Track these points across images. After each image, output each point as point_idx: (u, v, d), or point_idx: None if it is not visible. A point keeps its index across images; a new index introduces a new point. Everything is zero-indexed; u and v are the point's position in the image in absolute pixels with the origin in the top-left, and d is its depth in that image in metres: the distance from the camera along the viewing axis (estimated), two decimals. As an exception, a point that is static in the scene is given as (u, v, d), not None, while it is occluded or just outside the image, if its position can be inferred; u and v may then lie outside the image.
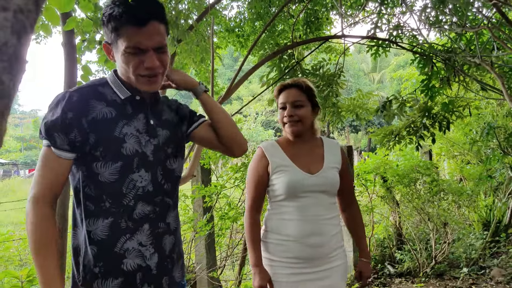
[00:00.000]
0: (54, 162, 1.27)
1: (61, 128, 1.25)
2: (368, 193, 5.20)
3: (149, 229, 1.34)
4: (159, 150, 1.39)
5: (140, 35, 1.25)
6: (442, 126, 3.93)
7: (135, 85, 1.34)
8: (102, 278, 1.29)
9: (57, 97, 1.29)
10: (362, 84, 34.42)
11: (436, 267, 4.82)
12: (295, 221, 1.89)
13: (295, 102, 1.97)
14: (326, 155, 2.02)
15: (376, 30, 3.92)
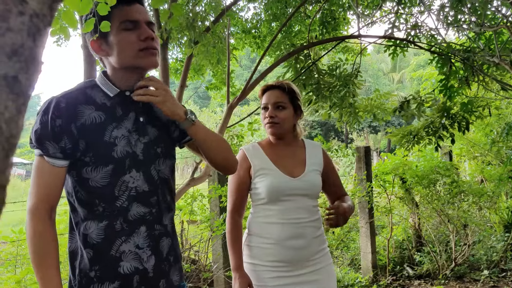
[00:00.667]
0: (48, 172, 1.26)
1: (51, 136, 1.23)
2: (386, 195, 5.16)
3: (146, 231, 1.32)
4: (149, 149, 1.36)
5: (130, 11, 1.31)
6: (461, 126, 3.88)
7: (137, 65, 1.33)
8: (98, 282, 1.27)
9: (45, 104, 1.27)
10: (382, 84, 34.11)
11: (456, 269, 4.76)
12: (277, 224, 1.89)
13: (276, 103, 1.96)
14: (308, 158, 2.02)
15: (393, 30, 3.89)
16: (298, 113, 2.04)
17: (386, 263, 4.94)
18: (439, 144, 4.07)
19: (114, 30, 1.30)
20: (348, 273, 4.86)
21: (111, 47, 1.32)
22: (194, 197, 3.16)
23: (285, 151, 2.01)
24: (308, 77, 3.86)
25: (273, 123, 1.95)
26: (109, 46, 1.32)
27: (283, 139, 2.03)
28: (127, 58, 1.32)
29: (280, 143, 2.03)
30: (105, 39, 1.32)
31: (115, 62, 1.33)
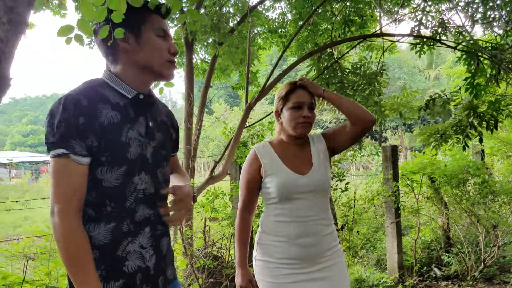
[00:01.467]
0: (74, 171, 1.23)
1: (76, 134, 1.22)
2: (414, 194, 5.09)
3: (150, 232, 1.37)
4: (157, 153, 1.41)
5: (163, 22, 1.41)
6: (489, 125, 3.80)
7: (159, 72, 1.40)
8: (104, 281, 1.29)
9: (59, 103, 1.24)
10: (417, 81, 33.32)
11: (485, 271, 4.65)
12: (288, 222, 1.92)
13: (310, 104, 2.00)
14: (314, 153, 2.04)
15: (420, 27, 3.85)
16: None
17: (413, 264, 4.88)
18: (466, 143, 3.99)
19: (150, 32, 1.36)
20: (374, 273, 4.83)
21: (140, 45, 1.35)
22: (215, 195, 3.24)
23: (294, 149, 2.04)
24: (331, 76, 3.86)
25: (308, 123, 1.98)
26: (138, 43, 1.35)
27: (300, 139, 2.05)
28: (154, 61, 1.37)
29: (291, 142, 2.05)
30: (135, 36, 1.35)
31: (140, 59, 1.36)
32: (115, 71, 1.38)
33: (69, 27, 1.25)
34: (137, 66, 1.37)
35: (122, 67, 1.37)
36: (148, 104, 1.42)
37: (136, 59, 1.36)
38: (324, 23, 5.41)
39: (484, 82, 3.67)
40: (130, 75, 1.37)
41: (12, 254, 4.74)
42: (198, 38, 3.97)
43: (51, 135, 1.22)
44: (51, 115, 1.23)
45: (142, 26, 1.36)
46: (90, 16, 1.37)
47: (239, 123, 2.68)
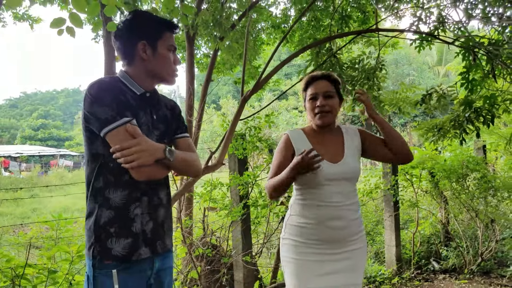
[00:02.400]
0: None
1: (126, 107, 1.52)
2: (413, 188, 5.14)
3: (147, 201, 1.60)
4: (159, 141, 1.62)
5: (173, 38, 1.70)
6: (486, 120, 3.84)
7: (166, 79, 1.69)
8: (116, 237, 1.52)
9: (103, 86, 1.53)
10: (426, 78, 33.09)
11: (483, 265, 4.70)
12: (317, 207, 2.01)
13: (326, 92, 2.06)
14: (347, 143, 2.10)
15: (419, 23, 3.89)
16: (341, 101, 2.15)
17: (411, 257, 4.94)
18: (464, 138, 4.04)
19: (164, 47, 1.64)
20: (372, 266, 4.91)
21: (156, 57, 1.62)
22: (213, 185, 3.33)
23: (326, 138, 2.12)
24: (329, 71, 3.91)
25: (324, 112, 2.05)
26: (154, 54, 1.62)
27: (327, 127, 2.12)
28: (163, 71, 1.66)
29: (323, 130, 2.13)
30: (153, 48, 1.62)
31: (152, 68, 1.63)
32: (129, 71, 1.64)
33: (61, 19, 1.34)
34: (149, 72, 1.64)
35: (135, 70, 1.64)
36: (153, 100, 1.68)
37: (150, 68, 1.63)
38: (326, 19, 5.46)
39: (481, 78, 3.71)
40: (141, 78, 1.64)
41: (18, 243, 4.89)
42: (200, 32, 4.05)
43: (110, 111, 1.48)
44: (98, 98, 1.49)
45: (158, 41, 1.63)
46: (81, 10, 1.47)
47: (234, 115, 2.77)
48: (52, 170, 26.20)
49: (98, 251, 1.52)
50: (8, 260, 2.61)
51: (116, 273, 1.51)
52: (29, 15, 6.48)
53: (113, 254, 1.52)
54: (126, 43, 1.62)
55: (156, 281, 1.65)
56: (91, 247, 1.53)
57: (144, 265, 1.59)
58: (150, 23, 1.63)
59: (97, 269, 1.52)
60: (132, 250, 1.54)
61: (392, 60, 31.09)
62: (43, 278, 2.70)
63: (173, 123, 1.77)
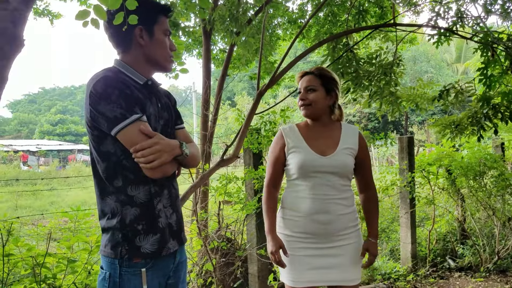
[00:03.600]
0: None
1: (134, 102, 1.46)
2: (430, 185, 5.11)
3: (168, 194, 1.59)
4: (164, 131, 1.61)
5: (167, 23, 1.64)
6: (504, 116, 3.79)
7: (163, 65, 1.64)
8: (144, 234, 1.50)
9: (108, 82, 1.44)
10: (444, 75, 32.65)
11: (499, 263, 4.65)
12: (305, 198, 2.04)
13: (308, 87, 2.13)
14: (342, 139, 2.13)
15: (437, 18, 3.85)
16: (333, 95, 2.16)
17: (427, 254, 4.92)
18: (481, 135, 3.99)
19: (160, 32, 1.59)
20: (387, 263, 4.89)
21: (152, 42, 1.57)
22: (229, 179, 3.36)
23: (320, 131, 2.15)
24: (346, 66, 3.91)
25: (304, 105, 2.12)
26: (151, 39, 1.57)
27: (319, 120, 2.17)
28: (161, 56, 1.61)
29: (316, 124, 2.17)
30: (149, 33, 1.56)
31: (149, 53, 1.58)
32: (126, 60, 1.57)
33: (86, 11, 1.38)
34: (147, 58, 1.58)
35: (132, 57, 1.57)
36: (155, 89, 1.64)
37: (147, 53, 1.58)
38: (343, 14, 5.44)
39: (499, 74, 3.66)
40: (139, 65, 1.58)
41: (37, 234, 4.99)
42: (216, 28, 4.08)
43: (119, 108, 1.41)
44: (104, 96, 1.41)
45: (154, 26, 1.58)
46: (105, 3, 1.50)
47: (250, 110, 2.79)
48: (70, 165, 26.61)
49: (126, 249, 1.48)
50: (29, 249, 2.68)
51: (145, 272, 1.49)
52: (49, 11, 6.59)
53: (142, 252, 1.49)
54: (120, 29, 1.48)
55: (174, 274, 1.65)
56: (118, 247, 1.48)
57: (169, 259, 1.59)
58: (145, 7, 1.53)
59: (124, 267, 1.48)
60: (161, 246, 1.53)
61: (410, 57, 30.75)
62: (62, 267, 2.76)
63: (173, 111, 1.74)
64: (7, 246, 2.62)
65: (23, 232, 6.60)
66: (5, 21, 0.54)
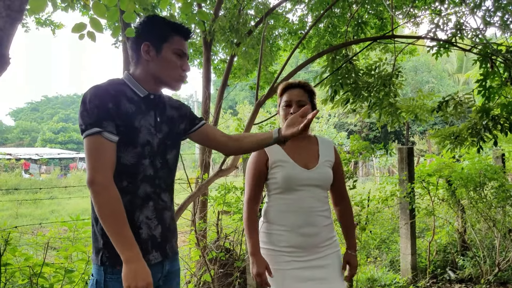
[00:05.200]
0: (108, 147, 1.48)
1: (108, 115, 1.47)
2: (429, 196, 5.09)
3: (153, 206, 1.60)
4: (162, 143, 1.65)
5: (184, 44, 1.67)
6: (504, 128, 3.80)
7: (169, 84, 1.67)
8: None
9: (91, 92, 1.50)
10: (446, 86, 32.69)
11: (500, 275, 4.62)
12: (291, 212, 2.05)
13: (300, 101, 2.12)
14: (321, 152, 2.17)
15: (436, 30, 3.88)
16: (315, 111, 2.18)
17: (427, 266, 4.89)
18: (481, 146, 4.00)
19: (170, 50, 1.62)
20: (387, 274, 4.87)
21: (159, 59, 1.61)
22: (227, 189, 3.36)
23: (300, 145, 2.17)
24: (346, 77, 3.93)
25: None
26: (158, 56, 1.61)
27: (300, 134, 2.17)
28: (168, 75, 1.63)
29: (296, 138, 2.16)
30: (157, 50, 1.60)
31: (154, 70, 1.62)
32: (135, 72, 1.64)
33: (82, 24, 1.39)
34: (151, 74, 1.63)
35: (140, 71, 1.63)
36: (157, 103, 1.67)
37: (151, 70, 1.62)
38: (343, 25, 5.48)
39: (498, 85, 3.67)
40: (145, 79, 1.63)
41: (36, 243, 4.98)
42: (217, 38, 4.11)
43: (88, 118, 1.47)
44: (85, 103, 1.48)
45: (163, 44, 1.61)
46: (101, 15, 1.52)
47: (249, 119, 2.80)
48: (71, 173, 26.62)
49: (107, 257, 1.51)
50: (26, 259, 2.68)
51: None
52: (51, 21, 6.64)
53: (122, 261, 1.48)
54: (132, 43, 1.63)
55: (164, 283, 1.66)
56: (99, 253, 1.53)
57: (155, 268, 1.58)
58: (159, 25, 1.61)
59: (108, 274, 1.51)
60: None
61: (411, 67, 30.82)
62: (59, 277, 2.75)
63: (180, 124, 1.77)
64: (5, 255, 2.62)
65: (23, 241, 6.60)
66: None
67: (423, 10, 4.89)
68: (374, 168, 20.75)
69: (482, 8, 3.50)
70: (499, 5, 3.63)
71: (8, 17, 0.56)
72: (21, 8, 0.56)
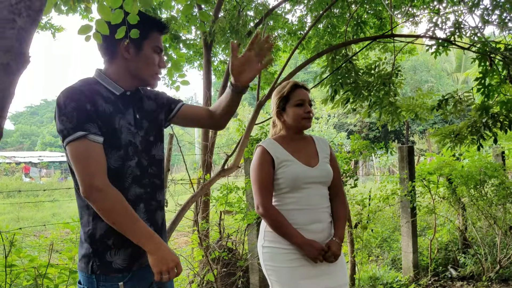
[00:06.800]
0: (97, 149, 1.41)
1: (89, 117, 1.40)
2: (430, 194, 5.12)
3: (144, 208, 1.56)
4: (145, 140, 1.59)
5: (160, 40, 1.62)
6: (503, 125, 3.82)
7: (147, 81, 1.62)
8: (115, 249, 1.47)
9: (65, 95, 1.42)
10: (445, 85, 32.74)
11: (501, 272, 4.65)
12: (299, 210, 2.08)
13: (310, 101, 2.21)
14: (319, 150, 2.23)
15: (435, 29, 3.90)
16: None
17: (429, 264, 4.91)
18: (481, 144, 4.02)
19: (149, 48, 1.57)
20: (388, 272, 4.89)
21: (139, 57, 1.56)
22: (229, 189, 3.39)
23: (299, 144, 2.22)
24: (345, 77, 3.95)
25: (310, 118, 2.19)
26: (137, 54, 1.56)
27: (300, 133, 2.25)
28: (146, 72, 1.58)
29: (294, 137, 2.23)
30: (136, 48, 1.55)
31: (133, 68, 1.56)
32: (107, 70, 1.58)
33: (88, 26, 1.41)
34: (130, 72, 1.57)
35: (115, 69, 1.57)
36: (134, 99, 1.61)
37: (130, 67, 1.56)
38: (342, 25, 5.51)
39: (497, 83, 3.70)
40: (121, 77, 1.57)
41: (40, 245, 5.00)
42: (217, 39, 4.13)
43: (68, 122, 1.39)
44: (60, 107, 1.41)
45: (144, 41, 1.56)
46: (106, 17, 1.54)
47: (250, 120, 2.83)
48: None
49: (97, 265, 1.46)
50: (31, 260, 2.70)
51: (122, 285, 1.47)
52: (52, 24, 6.67)
53: (114, 268, 1.47)
54: (108, 40, 1.52)
55: (158, 284, 1.60)
56: (89, 262, 1.47)
57: (149, 271, 1.51)
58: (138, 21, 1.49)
59: (101, 281, 1.46)
60: (133, 260, 1.50)
61: (411, 66, 30.87)
62: (64, 277, 2.77)
63: (159, 114, 1.72)
64: (10, 257, 2.64)
65: (25, 243, 6.62)
66: (12, 40, 0.57)
67: (421, 9, 4.91)
68: (374, 168, 20.79)
69: (480, 7, 3.53)
70: (497, 3, 3.66)
71: (28, 17, 0.58)
72: (40, 8, 0.58)
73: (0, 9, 0.54)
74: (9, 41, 0.56)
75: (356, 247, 4.39)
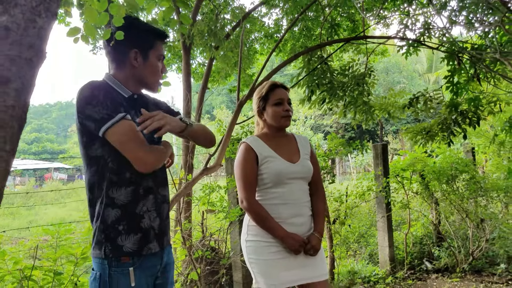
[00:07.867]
0: (135, 127, 1.55)
1: (119, 104, 1.56)
2: (404, 190, 5.29)
3: (153, 199, 1.67)
4: (151, 140, 1.69)
5: (163, 48, 1.77)
6: (472, 121, 4.00)
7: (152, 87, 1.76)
8: (126, 234, 1.58)
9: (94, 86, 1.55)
10: (416, 85, 33.38)
11: (474, 263, 4.84)
12: (281, 205, 2.18)
13: (289, 100, 2.30)
14: (300, 147, 2.33)
15: (405, 30, 4.07)
16: None
17: (404, 257, 5.07)
18: (451, 140, 4.20)
19: (154, 57, 1.71)
20: (366, 266, 5.03)
21: (145, 65, 1.69)
22: (211, 188, 3.46)
23: (281, 141, 2.32)
24: (321, 77, 4.08)
25: (289, 116, 2.28)
26: (144, 63, 1.69)
27: (282, 131, 2.34)
28: (152, 79, 1.73)
29: (276, 135, 2.32)
30: (143, 57, 1.69)
31: (140, 75, 1.70)
32: (117, 75, 1.69)
33: (77, 29, 1.48)
34: (137, 78, 1.70)
35: (124, 74, 1.69)
36: (141, 102, 1.75)
37: (138, 75, 1.70)
38: (317, 28, 5.64)
39: (465, 81, 3.88)
40: (128, 82, 1.70)
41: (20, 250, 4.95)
42: (196, 42, 4.20)
43: (104, 109, 1.51)
44: (91, 99, 1.52)
45: (150, 51, 1.70)
46: (93, 20, 1.61)
47: (231, 120, 2.91)
48: (47, 183, 26.14)
49: (110, 249, 1.56)
50: (16, 262, 2.71)
51: (133, 271, 1.57)
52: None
53: (125, 251, 1.56)
54: (118, 48, 1.66)
55: (162, 274, 1.72)
56: (102, 247, 1.57)
57: (155, 259, 1.65)
58: (144, 32, 1.68)
59: (113, 267, 1.56)
60: (142, 245, 1.60)
61: (383, 68, 31.41)
62: (49, 279, 2.79)
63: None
64: (-6, 260, 2.65)
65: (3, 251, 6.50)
66: (34, 37, 0.65)
67: (392, 11, 5.09)
68: (350, 167, 21.10)
69: (447, 8, 3.70)
70: (463, 5, 3.84)
71: (47, 18, 0.66)
72: (56, 10, 0.66)
73: (24, 11, 0.62)
74: (32, 38, 0.63)
75: (335, 243, 4.51)
